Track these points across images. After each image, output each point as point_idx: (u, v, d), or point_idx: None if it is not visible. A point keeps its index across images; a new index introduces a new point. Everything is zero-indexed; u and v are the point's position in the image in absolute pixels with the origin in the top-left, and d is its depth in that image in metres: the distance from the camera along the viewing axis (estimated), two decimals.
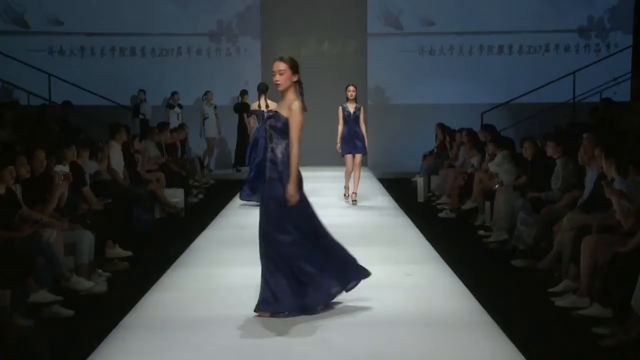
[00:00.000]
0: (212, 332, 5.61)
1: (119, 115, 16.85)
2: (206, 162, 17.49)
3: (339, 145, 11.90)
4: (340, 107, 11.92)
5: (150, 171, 12.05)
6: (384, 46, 19.00)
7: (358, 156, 11.97)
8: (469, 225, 10.70)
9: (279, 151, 5.87)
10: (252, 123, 12.65)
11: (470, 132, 12.83)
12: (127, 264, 8.22)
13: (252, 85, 16.22)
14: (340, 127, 11.89)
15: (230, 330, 5.65)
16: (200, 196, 13.83)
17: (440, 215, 11.76)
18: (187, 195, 12.36)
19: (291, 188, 5.72)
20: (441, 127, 15.34)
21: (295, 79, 5.90)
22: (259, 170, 12.47)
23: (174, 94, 18.06)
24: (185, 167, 14.05)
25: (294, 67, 5.91)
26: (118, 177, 10.28)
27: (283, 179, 5.81)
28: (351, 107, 11.89)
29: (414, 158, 16.19)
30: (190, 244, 9.02)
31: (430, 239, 9.17)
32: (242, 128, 16.75)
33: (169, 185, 11.97)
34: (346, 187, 12.22)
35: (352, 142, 11.86)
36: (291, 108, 5.82)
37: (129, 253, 8.42)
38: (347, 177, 12.10)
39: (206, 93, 17.93)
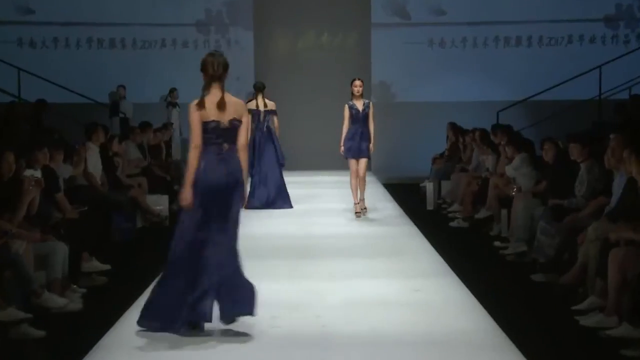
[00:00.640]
0: (199, 352, 5.61)
1: (97, 113, 16.81)
2: None
3: (342, 148, 11.56)
4: (347, 106, 11.56)
5: (131, 175, 12.03)
6: (389, 38, 18.99)
7: (363, 161, 11.60)
8: (484, 235, 10.69)
9: None
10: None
11: (483, 132, 12.83)
12: (105, 278, 8.21)
13: (244, 81, 16.28)
14: (345, 127, 11.57)
15: (220, 349, 5.66)
16: None
17: (452, 224, 11.75)
18: (171, 202, 12.29)
19: (183, 191, 5.98)
20: (453, 126, 15.32)
21: (204, 77, 6.29)
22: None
23: (172, 90, 17.92)
24: (169, 170, 14.02)
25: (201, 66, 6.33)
26: (95, 182, 10.27)
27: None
28: (359, 104, 11.56)
29: (423, 161, 16.17)
30: None
31: (441, 251, 9.18)
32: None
33: (152, 191, 11.96)
34: (356, 204, 11.66)
35: (359, 144, 11.51)
36: None
37: (107, 266, 8.41)
38: (354, 187, 11.60)
39: None
